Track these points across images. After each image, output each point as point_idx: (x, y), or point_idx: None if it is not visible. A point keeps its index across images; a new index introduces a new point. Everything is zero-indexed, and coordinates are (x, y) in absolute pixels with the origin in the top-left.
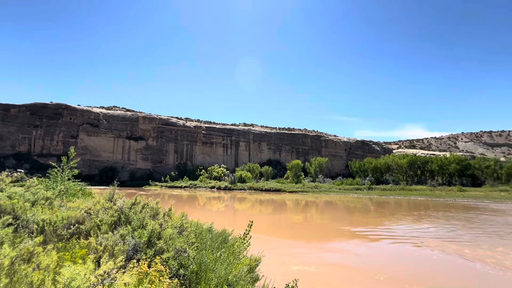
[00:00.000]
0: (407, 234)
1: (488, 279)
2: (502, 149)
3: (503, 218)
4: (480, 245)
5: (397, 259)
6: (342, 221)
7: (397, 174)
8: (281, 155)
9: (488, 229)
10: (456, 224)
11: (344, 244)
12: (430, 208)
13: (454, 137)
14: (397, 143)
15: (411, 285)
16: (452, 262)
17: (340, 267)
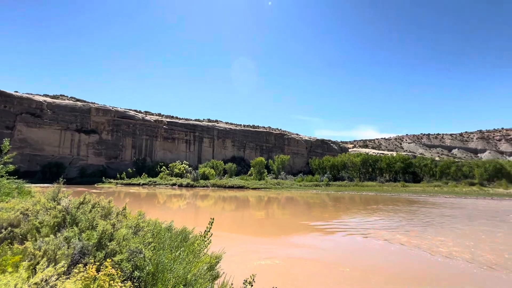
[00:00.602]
0: (359, 227)
1: (429, 263)
2: (437, 149)
3: (438, 210)
4: (421, 235)
5: (352, 249)
6: (302, 216)
7: (351, 171)
8: (245, 152)
9: (426, 219)
10: (401, 216)
11: (304, 238)
12: (379, 202)
13: (400, 138)
14: (353, 143)
15: (374, 274)
16: (397, 250)
17: (302, 260)
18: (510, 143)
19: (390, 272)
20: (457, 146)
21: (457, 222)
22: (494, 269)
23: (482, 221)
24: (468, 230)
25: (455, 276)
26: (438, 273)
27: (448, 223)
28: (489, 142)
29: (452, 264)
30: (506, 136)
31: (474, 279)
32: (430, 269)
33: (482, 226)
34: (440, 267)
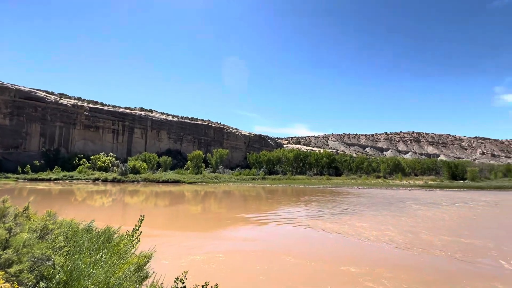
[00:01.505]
0: (290, 216)
1: (360, 246)
2: (355, 148)
3: (356, 199)
4: (345, 221)
5: (285, 237)
6: (238, 209)
7: (285, 166)
8: (182, 145)
9: (346, 208)
10: (326, 206)
11: (240, 230)
12: (307, 194)
13: (326, 136)
14: (287, 139)
15: (314, 260)
16: (325, 236)
17: (237, 252)
18: (405, 144)
19: (331, 258)
20: (369, 145)
21: (371, 209)
22: (409, 248)
23: (388, 207)
24: (381, 216)
25: (384, 256)
26: (370, 255)
27: (366, 210)
28: (392, 143)
29: (379, 246)
30: (402, 138)
31: (398, 257)
32: (363, 252)
33: (389, 212)
34: (370, 249)
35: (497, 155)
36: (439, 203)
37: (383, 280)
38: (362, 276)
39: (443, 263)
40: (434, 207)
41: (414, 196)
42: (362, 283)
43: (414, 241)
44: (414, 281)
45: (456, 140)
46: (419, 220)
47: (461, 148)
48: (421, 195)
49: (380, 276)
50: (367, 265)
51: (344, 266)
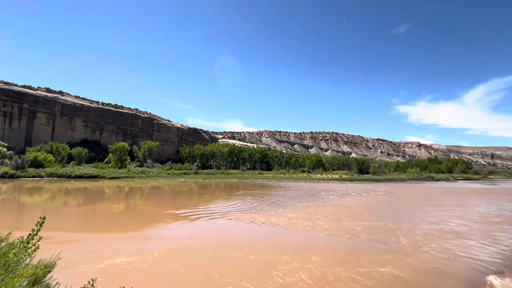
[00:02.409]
0: (222, 210)
1: (295, 236)
2: (285, 144)
3: (285, 192)
4: (270, 212)
5: (217, 231)
6: (167, 205)
7: (219, 160)
8: (103, 136)
9: (277, 200)
10: (256, 198)
11: (168, 228)
12: (240, 188)
13: (260, 133)
14: (222, 134)
15: (249, 253)
16: (254, 228)
17: (167, 251)
18: (326, 142)
19: (269, 249)
20: (297, 142)
21: (299, 200)
22: (339, 234)
23: (311, 198)
24: (310, 207)
25: (320, 244)
26: (308, 243)
27: (293, 201)
28: (316, 141)
29: (312, 235)
30: (324, 137)
31: (330, 243)
32: (294, 240)
33: (314, 202)
34: (307, 239)
35: (391, 154)
36: (350, 193)
37: (310, 264)
38: (297, 262)
39: (363, 244)
40: (347, 197)
41: (331, 188)
42: (296, 267)
43: (339, 227)
44: (338, 261)
45: (364, 140)
46: (339, 209)
47: (367, 148)
48: (336, 187)
49: (309, 261)
50: (301, 252)
51: (282, 255)
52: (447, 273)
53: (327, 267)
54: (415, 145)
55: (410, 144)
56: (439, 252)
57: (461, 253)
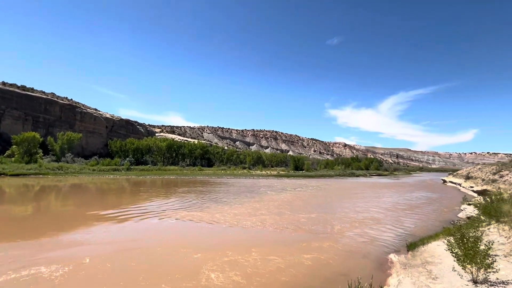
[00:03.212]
0: (157, 209)
1: (213, 230)
2: (227, 141)
3: (227, 188)
4: (209, 209)
5: (152, 232)
6: (91, 206)
7: (156, 156)
8: (3, 123)
9: (216, 197)
10: (196, 195)
11: (90, 231)
12: (178, 185)
13: (202, 128)
14: (161, 127)
15: (194, 251)
16: (192, 225)
17: (83, 258)
18: (266, 140)
19: (204, 246)
20: (239, 139)
21: (239, 196)
22: (280, 227)
23: (254, 194)
24: (252, 203)
25: (262, 237)
26: (243, 237)
27: (233, 197)
28: (257, 138)
29: (261, 230)
30: (265, 135)
31: (270, 236)
32: (235, 235)
33: (255, 198)
34: (251, 234)
35: (322, 152)
36: (286, 188)
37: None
38: (241, 255)
39: (301, 234)
40: (284, 192)
41: (270, 184)
42: (238, 260)
43: (281, 220)
44: (275, 252)
45: (300, 140)
46: (279, 203)
47: (302, 146)
48: (275, 183)
49: (250, 251)
50: (243, 246)
51: (222, 251)
52: (364, 255)
53: (263, 261)
54: (342, 145)
55: (338, 144)
56: (361, 237)
57: (376, 236)
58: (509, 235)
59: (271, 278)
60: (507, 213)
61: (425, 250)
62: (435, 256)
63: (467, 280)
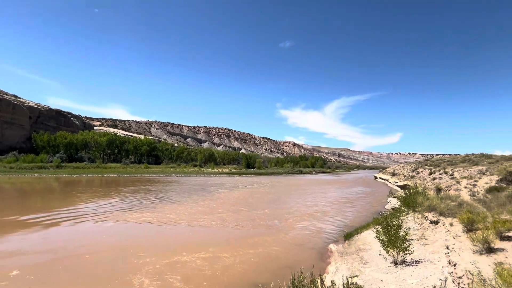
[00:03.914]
0: (94, 211)
1: (157, 231)
2: (177, 137)
3: (177, 187)
4: (154, 209)
5: (87, 237)
6: (8, 210)
7: (94, 152)
8: None
9: (164, 196)
10: (138, 195)
11: (8, 239)
12: (121, 184)
13: (149, 123)
14: (101, 121)
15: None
16: (137, 227)
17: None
18: (219, 138)
19: (149, 247)
20: (191, 136)
21: (187, 195)
22: (229, 225)
23: (201, 192)
24: (206, 201)
25: (218, 236)
26: (203, 238)
27: (182, 196)
28: (209, 136)
29: (214, 229)
30: (218, 132)
31: (229, 232)
32: (190, 237)
33: (206, 197)
34: (202, 233)
35: (273, 151)
36: (238, 186)
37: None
38: (189, 255)
39: (258, 229)
40: (236, 190)
41: (222, 182)
42: (184, 262)
43: (236, 218)
44: (229, 247)
45: (252, 138)
46: (231, 201)
47: (254, 144)
48: (227, 181)
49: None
50: (192, 246)
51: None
52: (310, 246)
53: (211, 260)
54: (291, 144)
55: (288, 143)
56: (309, 229)
57: (322, 227)
58: (421, 222)
59: (213, 280)
60: (420, 203)
61: (359, 238)
62: (366, 243)
63: (390, 262)
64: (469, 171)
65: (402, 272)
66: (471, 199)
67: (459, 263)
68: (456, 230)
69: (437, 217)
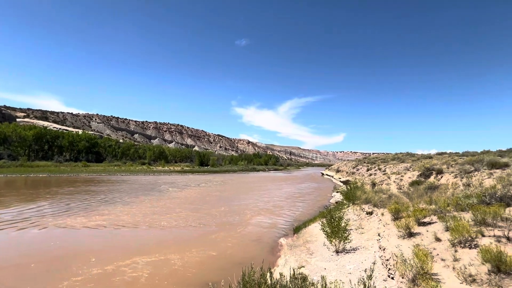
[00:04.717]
0: (16, 218)
1: (87, 235)
2: (123, 133)
3: (118, 187)
4: (92, 213)
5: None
6: None
7: (17, 148)
8: None
9: (106, 197)
10: (71, 198)
11: None
12: (53, 185)
13: (89, 116)
14: (26, 111)
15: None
16: (60, 233)
17: None
18: (171, 134)
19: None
20: (139, 131)
21: (132, 196)
22: (178, 225)
23: (150, 192)
24: (146, 202)
25: (166, 242)
26: (151, 240)
27: (126, 197)
28: (160, 132)
29: (136, 233)
30: (169, 129)
31: (181, 232)
32: (111, 240)
33: (151, 197)
34: (147, 235)
35: (228, 148)
36: (190, 185)
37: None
38: (128, 260)
39: (212, 227)
40: (187, 188)
41: (173, 181)
42: (122, 270)
43: (189, 217)
44: (180, 248)
45: (206, 135)
46: (181, 200)
47: (209, 142)
48: (178, 179)
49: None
50: (132, 250)
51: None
52: (263, 241)
53: (157, 264)
54: (246, 142)
55: (242, 141)
56: (262, 225)
57: (275, 222)
58: (359, 213)
59: (165, 282)
60: (359, 197)
61: (306, 231)
62: (313, 235)
63: (332, 251)
64: (397, 168)
65: (342, 259)
66: (398, 192)
67: (387, 248)
68: (386, 219)
69: (372, 208)
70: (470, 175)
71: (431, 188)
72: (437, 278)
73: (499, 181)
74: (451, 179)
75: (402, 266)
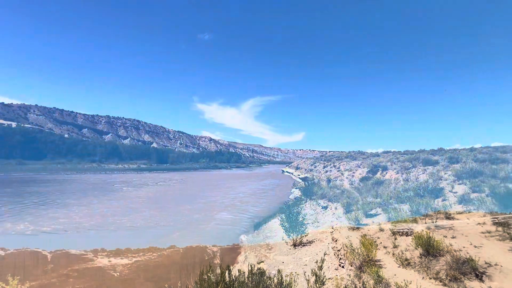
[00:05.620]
0: None
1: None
2: (69, 127)
3: (60, 187)
4: (26, 217)
5: None
6: None
7: None
8: None
9: (47, 199)
10: (10, 200)
11: None
12: None
13: (26, 107)
14: None
15: None
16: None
17: None
18: (126, 130)
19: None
20: (88, 126)
21: (80, 197)
22: (152, 224)
23: (102, 192)
24: (99, 204)
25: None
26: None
27: (70, 199)
28: (113, 127)
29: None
30: (124, 124)
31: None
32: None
33: (101, 197)
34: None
35: (189, 145)
36: (147, 183)
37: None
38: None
39: (180, 224)
40: (144, 187)
41: (127, 180)
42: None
43: (152, 216)
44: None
45: (165, 131)
46: (133, 200)
47: (168, 139)
48: (133, 178)
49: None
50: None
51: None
52: (224, 238)
53: (103, 270)
54: (208, 139)
55: (204, 138)
56: (225, 222)
57: (237, 219)
58: (315, 208)
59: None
60: (315, 192)
61: (266, 227)
62: (273, 230)
63: (290, 245)
64: (350, 165)
65: (299, 252)
66: (350, 187)
67: (339, 239)
68: (339, 212)
69: (327, 203)
70: (409, 171)
71: (377, 183)
72: (379, 263)
73: (430, 176)
74: (394, 175)
75: (351, 255)
